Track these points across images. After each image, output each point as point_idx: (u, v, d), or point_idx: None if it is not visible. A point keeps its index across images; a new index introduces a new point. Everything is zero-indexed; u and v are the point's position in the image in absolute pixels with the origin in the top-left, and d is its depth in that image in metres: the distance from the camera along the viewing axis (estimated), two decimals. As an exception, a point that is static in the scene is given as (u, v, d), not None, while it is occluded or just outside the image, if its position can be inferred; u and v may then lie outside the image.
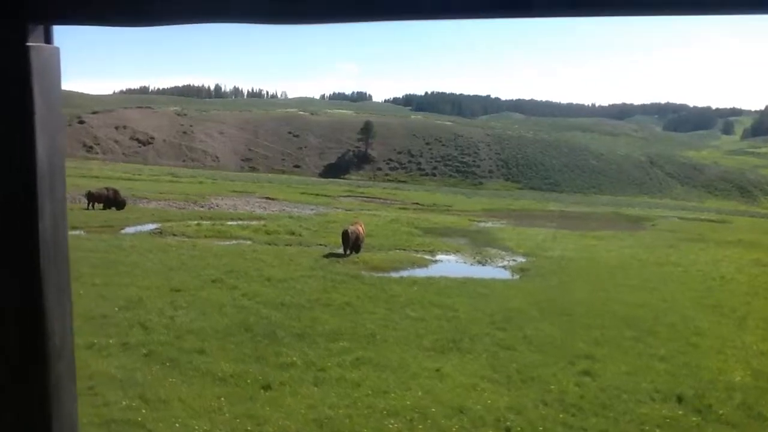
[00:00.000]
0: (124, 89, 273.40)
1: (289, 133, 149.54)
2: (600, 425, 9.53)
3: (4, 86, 1.05)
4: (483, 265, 26.53)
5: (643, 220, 62.44)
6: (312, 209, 45.34)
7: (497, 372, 11.69)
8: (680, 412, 10.24)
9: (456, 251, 29.37)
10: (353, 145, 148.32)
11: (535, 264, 26.40)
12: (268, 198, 51.52)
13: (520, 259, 27.99)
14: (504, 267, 26.13)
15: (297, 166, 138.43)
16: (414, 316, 15.46)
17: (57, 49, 1.10)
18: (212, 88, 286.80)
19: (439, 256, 27.69)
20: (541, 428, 9.16)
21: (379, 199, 64.94)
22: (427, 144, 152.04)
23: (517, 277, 23.83)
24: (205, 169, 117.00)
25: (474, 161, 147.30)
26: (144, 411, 8.66)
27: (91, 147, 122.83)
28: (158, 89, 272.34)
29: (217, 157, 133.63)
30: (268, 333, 12.94)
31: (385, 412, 9.26)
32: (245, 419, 8.77)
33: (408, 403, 9.67)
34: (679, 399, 10.79)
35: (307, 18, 1.06)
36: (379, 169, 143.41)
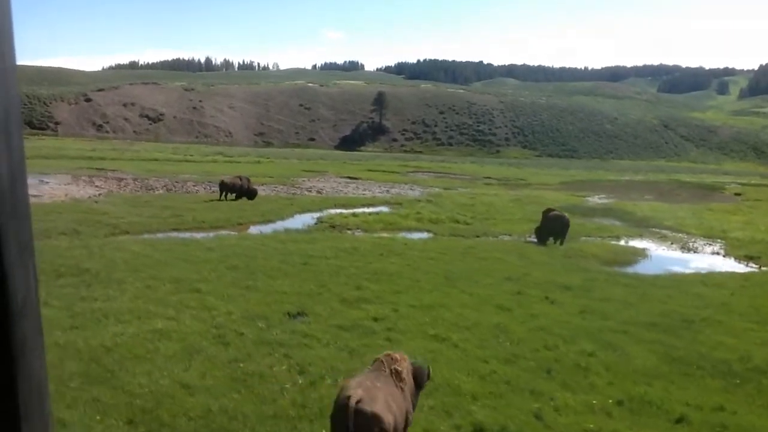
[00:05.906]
0: (113, 64, 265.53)
1: (300, 105, 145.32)
2: None
3: None
4: (695, 252, 24.26)
5: (714, 189, 60.44)
6: (412, 189, 42.55)
7: None
8: None
9: (638, 236, 27.05)
10: (366, 116, 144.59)
11: (745, 249, 24.21)
12: (350, 177, 48.63)
13: (718, 243, 25.82)
14: (718, 254, 23.91)
15: (312, 139, 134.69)
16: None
17: None
18: (203, 61, 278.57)
19: (632, 243, 25.35)
20: None
21: (446, 173, 61.94)
22: (441, 113, 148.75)
23: (758, 267, 21.62)
24: (219, 145, 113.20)
25: (490, 129, 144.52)
26: None
27: (100, 125, 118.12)
28: (148, 63, 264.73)
29: (230, 133, 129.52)
30: (724, 371, 10.52)
31: None
32: None
33: None
34: None
35: None
36: (395, 140, 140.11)
